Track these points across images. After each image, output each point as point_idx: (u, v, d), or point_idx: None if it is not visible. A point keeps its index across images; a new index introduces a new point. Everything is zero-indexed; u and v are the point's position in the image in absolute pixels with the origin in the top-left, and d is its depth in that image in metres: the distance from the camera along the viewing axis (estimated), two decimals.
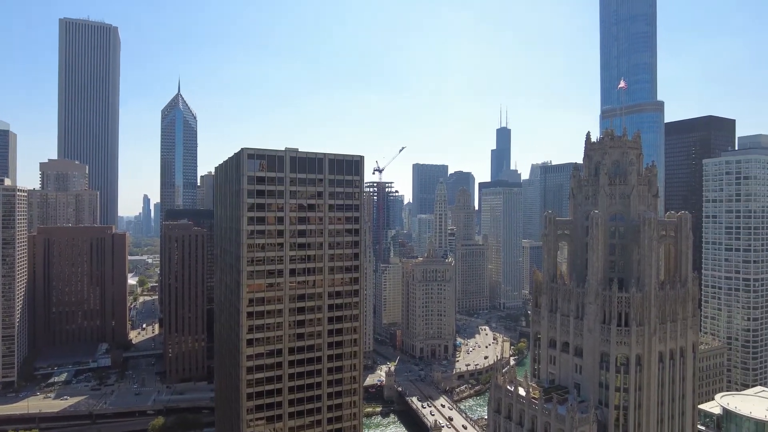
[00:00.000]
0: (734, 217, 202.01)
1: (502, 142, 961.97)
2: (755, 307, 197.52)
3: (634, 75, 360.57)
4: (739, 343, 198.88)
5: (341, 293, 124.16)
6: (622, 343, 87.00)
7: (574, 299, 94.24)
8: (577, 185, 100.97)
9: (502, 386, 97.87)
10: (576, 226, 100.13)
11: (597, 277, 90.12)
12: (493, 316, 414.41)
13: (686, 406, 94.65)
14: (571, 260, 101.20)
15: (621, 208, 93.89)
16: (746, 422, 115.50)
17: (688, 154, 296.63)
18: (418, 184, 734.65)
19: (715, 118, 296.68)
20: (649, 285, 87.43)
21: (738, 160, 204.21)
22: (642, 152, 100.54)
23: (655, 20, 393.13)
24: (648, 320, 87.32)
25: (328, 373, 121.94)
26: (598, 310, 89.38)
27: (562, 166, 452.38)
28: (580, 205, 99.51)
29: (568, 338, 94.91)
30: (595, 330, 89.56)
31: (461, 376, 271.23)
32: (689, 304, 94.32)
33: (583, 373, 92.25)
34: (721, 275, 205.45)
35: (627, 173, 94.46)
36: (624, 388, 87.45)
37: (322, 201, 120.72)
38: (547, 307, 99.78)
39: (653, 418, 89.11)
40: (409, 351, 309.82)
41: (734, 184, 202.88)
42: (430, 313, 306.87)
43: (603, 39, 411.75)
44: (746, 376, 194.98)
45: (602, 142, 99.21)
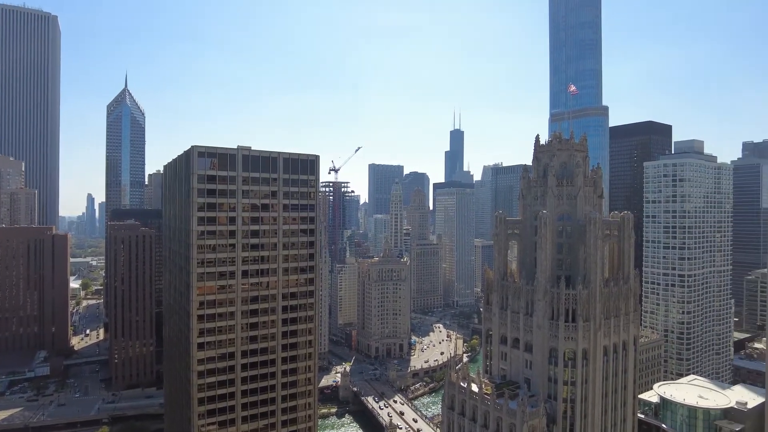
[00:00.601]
0: (671, 217, 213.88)
1: (456, 144, 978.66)
2: (689, 302, 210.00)
3: (581, 80, 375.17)
4: (674, 335, 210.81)
5: (296, 294, 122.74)
6: (570, 339, 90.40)
7: (523, 296, 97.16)
8: (527, 186, 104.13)
9: (455, 383, 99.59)
10: (525, 226, 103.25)
11: (545, 275, 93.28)
12: (447, 314, 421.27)
13: (627, 397, 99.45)
14: (521, 259, 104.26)
15: (568, 208, 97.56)
16: (680, 409, 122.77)
17: (630, 157, 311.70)
18: (374, 185, 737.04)
19: (654, 124, 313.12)
20: (594, 282, 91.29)
21: (674, 163, 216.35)
22: (588, 155, 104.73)
23: (600, 29, 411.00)
24: (594, 316, 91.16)
25: (282, 376, 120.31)
26: (546, 306, 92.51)
27: (513, 168, 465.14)
28: (530, 205, 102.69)
29: (518, 334, 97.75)
30: (544, 326, 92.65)
31: (416, 374, 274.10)
32: (631, 300, 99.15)
33: (533, 368, 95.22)
34: (660, 272, 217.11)
35: (574, 175, 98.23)
36: (571, 382, 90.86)
37: (276, 201, 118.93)
38: (498, 304, 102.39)
39: (598, 409, 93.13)
40: (365, 351, 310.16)
41: (671, 186, 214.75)
42: (385, 313, 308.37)
43: (552, 45, 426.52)
44: (681, 366, 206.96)
45: (551, 145, 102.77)
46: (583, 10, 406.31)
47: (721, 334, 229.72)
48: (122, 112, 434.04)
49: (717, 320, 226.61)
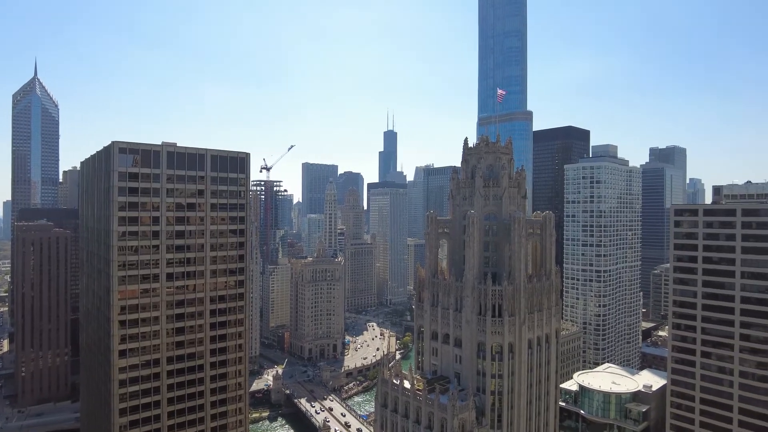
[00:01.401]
0: (588, 216, 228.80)
1: (389, 145, 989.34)
2: (604, 295, 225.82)
3: (507, 86, 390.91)
4: (592, 327, 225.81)
5: (225, 297, 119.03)
6: (497, 333, 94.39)
7: (453, 293, 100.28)
8: (456, 187, 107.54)
9: (388, 380, 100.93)
10: (455, 225, 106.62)
11: (473, 272, 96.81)
12: (381, 313, 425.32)
13: (550, 387, 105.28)
14: (451, 257, 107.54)
15: (494, 208, 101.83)
16: (596, 395, 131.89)
17: (552, 160, 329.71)
18: (308, 184, 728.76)
19: (573, 129, 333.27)
20: (519, 278, 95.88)
21: (591, 166, 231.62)
22: (513, 157, 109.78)
23: (526, 37, 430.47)
24: (518, 311, 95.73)
25: (211, 381, 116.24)
26: (474, 302, 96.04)
27: (444, 169, 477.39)
28: (459, 205, 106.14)
29: (448, 330, 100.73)
30: (472, 321, 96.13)
31: (350, 373, 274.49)
32: (553, 295, 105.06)
33: (462, 363, 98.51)
34: (578, 268, 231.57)
35: (500, 176, 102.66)
36: (499, 375, 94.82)
37: (204, 200, 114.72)
38: (429, 301, 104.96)
39: (524, 399, 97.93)
40: (298, 352, 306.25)
41: (589, 187, 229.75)
42: (319, 313, 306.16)
43: (481, 51, 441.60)
44: (597, 355, 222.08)
45: (478, 148, 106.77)
46: (510, 19, 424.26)
47: (632, 324, 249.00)
48: (31, 102, 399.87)
49: (628, 312, 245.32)
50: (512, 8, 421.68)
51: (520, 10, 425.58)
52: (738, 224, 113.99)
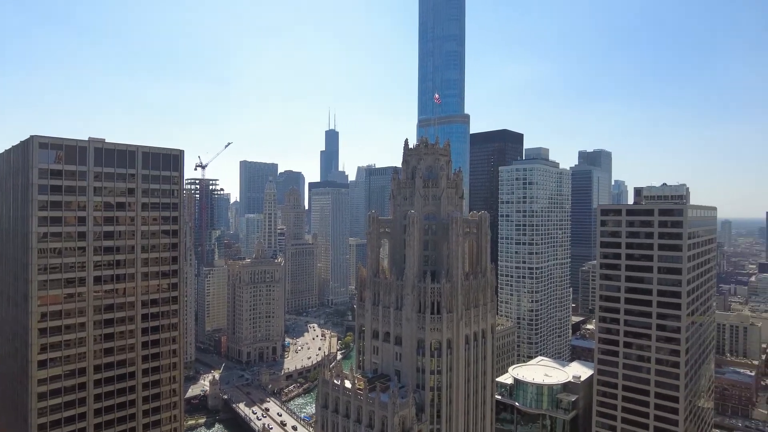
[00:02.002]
0: (522, 216, 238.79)
1: (331, 144, 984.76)
2: (537, 291, 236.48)
3: (446, 89, 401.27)
4: (525, 321, 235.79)
5: (157, 301, 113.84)
6: (435, 330, 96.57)
7: (394, 292, 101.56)
8: (397, 187, 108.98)
9: (329, 381, 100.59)
10: (396, 225, 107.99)
11: (413, 271, 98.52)
12: (322, 313, 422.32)
13: (487, 381, 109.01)
14: (392, 256, 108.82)
15: (433, 208, 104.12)
16: (530, 387, 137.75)
17: (488, 162, 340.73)
18: (246, 183, 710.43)
19: (508, 132, 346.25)
20: (456, 276, 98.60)
21: (524, 168, 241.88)
22: (451, 159, 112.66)
23: (464, 42, 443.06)
24: (456, 307, 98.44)
25: (143, 389, 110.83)
26: (414, 300, 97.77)
27: (385, 169, 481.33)
28: (400, 205, 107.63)
29: (389, 328, 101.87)
30: (412, 319, 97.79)
31: (290, 376, 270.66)
32: (488, 292, 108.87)
33: (402, 360, 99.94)
34: (512, 265, 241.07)
35: (438, 177, 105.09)
36: (438, 371, 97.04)
37: (134, 199, 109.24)
38: (370, 300, 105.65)
39: (462, 394, 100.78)
40: (236, 356, 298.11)
41: (522, 188, 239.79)
42: (258, 316, 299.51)
43: (421, 54, 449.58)
44: (531, 348, 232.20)
45: (418, 149, 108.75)
46: (450, 23, 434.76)
47: (562, 318, 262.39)
48: None
49: (559, 307, 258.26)
50: (451, 13, 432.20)
51: (459, 14, 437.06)
52: (655, 223, 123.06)
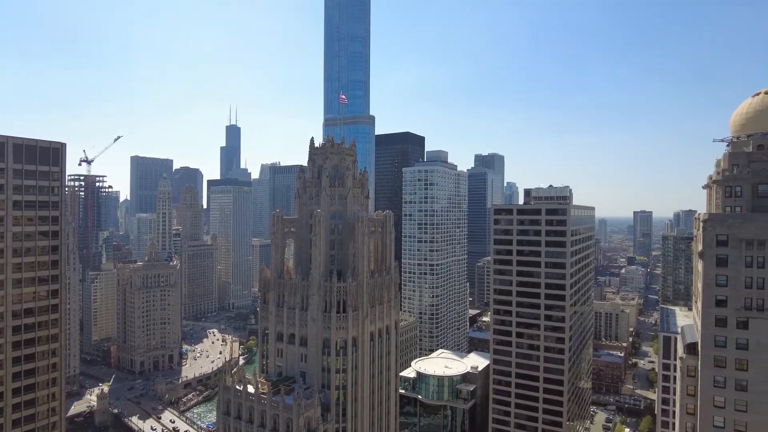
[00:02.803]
0: (423, 215, 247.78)
1: (233, 140, 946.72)
2: (437, 287, 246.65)
3: (351, 90, 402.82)
4: (427, 316, 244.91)
5: (33, 310, 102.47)
6: (341, 328, 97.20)
7: (299, 292, 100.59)
8: (303, 186, 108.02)
9: (231, 387, 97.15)
10: (302, 224, 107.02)
11: (319, 270, 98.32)
12: (223, 318, 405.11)
13: (391, 376, 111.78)
14: (297, 256, 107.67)
15: (339, 207, 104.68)
16: (431, 380, 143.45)
17: (392, 163, 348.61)
18: (138, 180, 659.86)
19: (411, 134, 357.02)
20: (362, 274, 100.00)
21: (426, 169, 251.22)
22: (357, 159, 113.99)
23: (369, 43, 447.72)
24: (362, 305, 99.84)
25: (14, 411, 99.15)
26: (320, 300, 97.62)
27: (290, 168, 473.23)
28: (305, 204, 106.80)
29: (294, 330, 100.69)
30: (318, 319, 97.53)
31: (188, 384, 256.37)
32: (392, 289, 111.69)
33: (308, 361, 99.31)
34: (415, 262, 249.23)
35: (345, 177, 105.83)
36: (343, 369, 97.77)
37: (5, 196, 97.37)
38: (274, 302, 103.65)
39: (367, 391, 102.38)
40: (128, 367, 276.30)
41: (423, 189, 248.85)
42: (152, 323, 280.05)
43: (327, 54, 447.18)
44: (432, 342, 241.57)
45: (324, 148, 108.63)
46: (355, 24, 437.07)
47: (460, 312, 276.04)
48: None
49: (457, 301, 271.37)
50: (357, 13, 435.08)
51: (364, 15, 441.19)
52: (543, 222, 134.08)
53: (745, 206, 77.16)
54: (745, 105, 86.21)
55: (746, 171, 77.23)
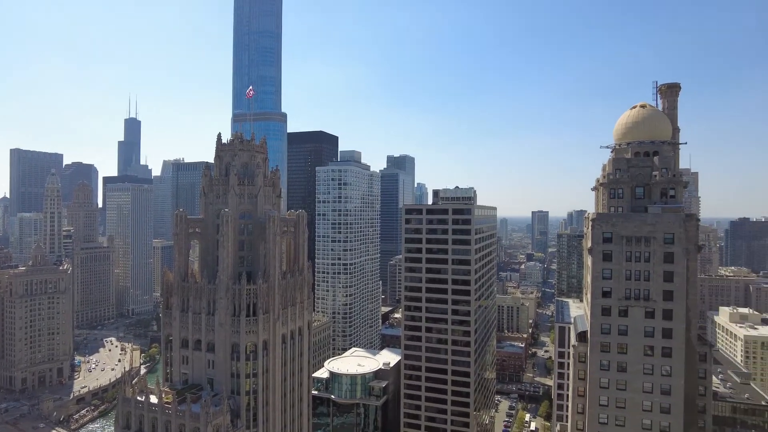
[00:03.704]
0: (337, 215, 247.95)
1: (132, 134, 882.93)
2: (351, 286, 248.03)
3: (261, 86, 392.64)
4: (340, 315, 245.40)
5: None
6: (251, 332, 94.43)
7: (205, 296, 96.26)
8: (209, 184, 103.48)
9: (130, 398, 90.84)
10: (207, 224, 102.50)
11: (227, 273, 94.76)
12: (122, 325, 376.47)
13: (303, 378, 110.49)
14: (203, 258, 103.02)
15: (249, 206, 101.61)
16: (344, 379, 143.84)
17: (305, 161, 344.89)
18: (20, 176, 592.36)
19: (324, 134, 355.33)
20: (273, 276, 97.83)
21: (339, 169, 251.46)
22: (268, 157, 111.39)
23: (281, 39, 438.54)
24: (273, 307, 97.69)
25: None
26: (228, 303, 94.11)
27: (196, 165, 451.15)
28: (212, 203, 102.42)
29: (200, 335, 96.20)
30: (226, 323, 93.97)
31: (81, 399, 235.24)
32: (305, 289, 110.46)
33: (215, 368, 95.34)
34: (328, 262, 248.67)
35: (255, 175, 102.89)
36: (253, 374, 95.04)
37: None
38: (178, 307, 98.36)
39: (278, 394, 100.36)
40: (7, 385, 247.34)
41: (337, 188, 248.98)
42: (37, 334, 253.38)
43: (236, 47, 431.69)
44: (345, 341, 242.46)
45: (232, 144, 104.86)
46: (266, 18, 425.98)
47: (373, 310, 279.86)
48: None
49: (370, 299, 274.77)
50: (268, 8, 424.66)
51: (276, 11, 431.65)
52: (450, 221, 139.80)
53: (626, 206, 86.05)
54: (625, 116, 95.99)
55: (626, 175, 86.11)
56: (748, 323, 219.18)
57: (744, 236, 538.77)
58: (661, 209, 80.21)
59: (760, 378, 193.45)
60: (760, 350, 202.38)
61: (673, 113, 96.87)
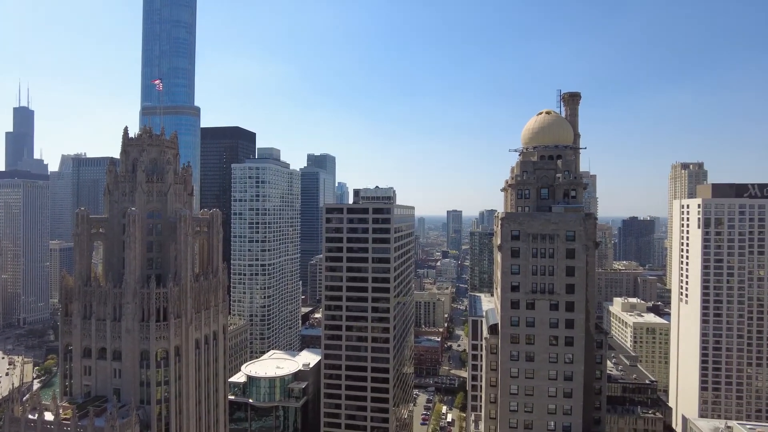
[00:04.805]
0: (254, 214, 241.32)
1: (23, 125, 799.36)
2: (269, 287, 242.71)
3: (173, 78, 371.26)
4: (258, 318, 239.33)
5: None
6: (162, 338, 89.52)
7: (111, 301, 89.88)
8: (114, 181, 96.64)
9: (20, 418, 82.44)
10: (113, 224, 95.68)
11: (135, 276, 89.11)
12: (11, 336, 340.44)
13: (219, 383, 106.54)
14: (108, 260, 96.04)
15: (159, 205, 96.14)
16: (262, 382, 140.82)
17: (220, 158, 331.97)
18: None
19: (241, 129, 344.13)
20: (185, 278, 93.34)
21: (257, 167, 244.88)
22: (179, 153, 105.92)
23: (195, 31, 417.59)
24: (185, 311, 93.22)
25: None
26: (136, 308, 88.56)
27: (99, 160, 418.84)
28: (117, 201, 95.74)
29: (105, 344, 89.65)
30: (134, 330, 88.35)
31: None
32: (220, 292, 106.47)
33: (123, 377, 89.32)
34: (245, 263, 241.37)
35: (165, 171, 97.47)
36: (165, 381, 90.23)
37: None
38: (80, 313, 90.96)
39: (192, 402, 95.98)
40: None
41: (255, 186, 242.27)
42: None
43: (146, 36, 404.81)
44: (264, 344, 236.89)
45: (141, 139, 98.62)
46: (179, 8, 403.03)
47: (293, 310, 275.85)
48: None
49: (290, 300, 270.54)
50: None
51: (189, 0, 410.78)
52: (370, 220, 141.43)
53: (532, 206, 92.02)
54: (532, 121, 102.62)
55: (532, 177, 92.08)
56: (636, 311, 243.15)
57: (633, 233, 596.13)
58: (564, 209, 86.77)
59: (646, 360, 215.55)
60: (645, 335, 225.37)
61: (574, 120, 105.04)
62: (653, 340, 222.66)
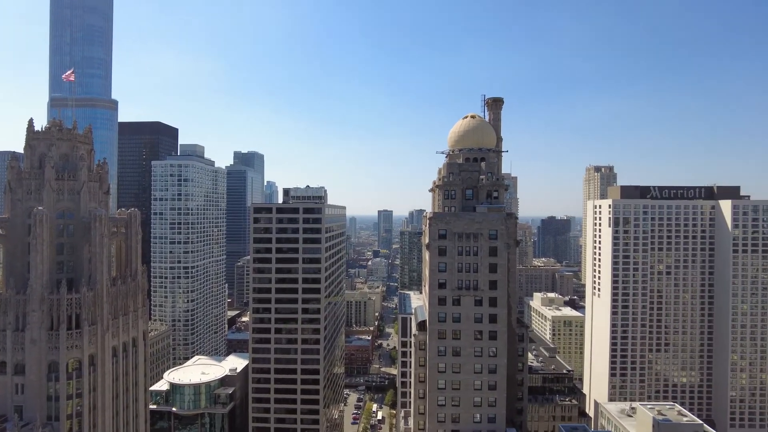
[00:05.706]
0: (177, 213, 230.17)
1: None
2: (193, 290, 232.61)
3: (87, 68, 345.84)
4: (181, 323, 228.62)
5: None
6: (74, 347, 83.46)
7: (12, 309, 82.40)
8: (17, 178, 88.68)
9: None
10: (16, 225, 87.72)
11: (42, 281, 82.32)
12: None
13: (139, 392, 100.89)
14: (9, 264, 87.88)
15: (70, 204, 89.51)
16: (187, 389, 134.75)
17: (139, 155, 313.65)
18: None
19: (162, 125, 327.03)
20: (101, 282, 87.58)
21: (180, 164, 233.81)
22: (94, 148, 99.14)
23: (111, 19, 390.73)
24: (101, 318, 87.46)
25: None
26: (44, 316, 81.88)
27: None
28: (21, 200, 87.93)
29: (5, 357, 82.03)
30: (41, 339, 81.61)
31: None
32: (140, 296, 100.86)
33: (26, 392, 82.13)
34: (167, 266, 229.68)
35: (77, 168, 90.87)
36: (77, 394, 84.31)
37: None
38: None
39: (109, 413, 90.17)
40: None
41: (177, 185, 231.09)
42: None
43: (54, 22, 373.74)
44: (188, 349, 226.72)
45: (49, 133, 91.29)
46: None
47: (218, 314, 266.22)
48: None
49: (215, 303, 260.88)
50: None
51: None
52: (300, 220, 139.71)
53: (458, 206, 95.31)
54: (458, 125, 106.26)
55: (458, 178, 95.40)
56: (554, 305, 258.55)
57: (551, 232, 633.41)
58: (487, 209, 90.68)
59: (564, 351, 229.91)
60: (563, 328, 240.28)
61: (497, 124, 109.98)
62: (570, 332, 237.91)
